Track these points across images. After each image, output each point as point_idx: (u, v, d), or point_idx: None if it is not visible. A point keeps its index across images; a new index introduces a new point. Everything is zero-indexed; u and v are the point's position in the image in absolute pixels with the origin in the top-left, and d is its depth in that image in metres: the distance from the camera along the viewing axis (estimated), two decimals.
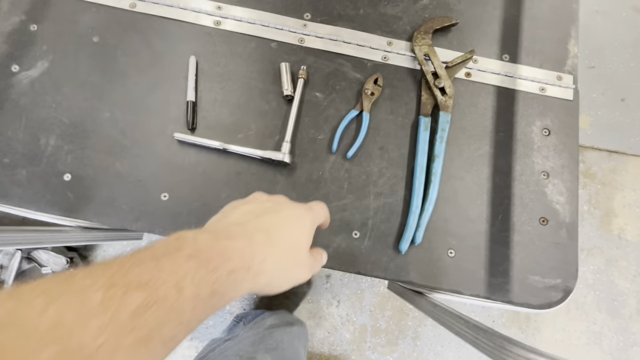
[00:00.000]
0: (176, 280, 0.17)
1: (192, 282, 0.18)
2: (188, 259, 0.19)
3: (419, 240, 0.46)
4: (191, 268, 0.18)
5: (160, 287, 0.17)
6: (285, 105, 0.51)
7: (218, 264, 0.19)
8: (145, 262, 0.17)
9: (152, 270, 0.17)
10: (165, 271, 0.17)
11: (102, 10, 0.52)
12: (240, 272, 0.21)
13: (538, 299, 0.46)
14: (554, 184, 0.50)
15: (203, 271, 0.19)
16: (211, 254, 0.20)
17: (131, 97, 0.49)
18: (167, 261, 0.18)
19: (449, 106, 0.50)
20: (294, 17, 0.53)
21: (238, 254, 0.21)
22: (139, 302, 0.16)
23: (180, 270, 0.18)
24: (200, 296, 0.18)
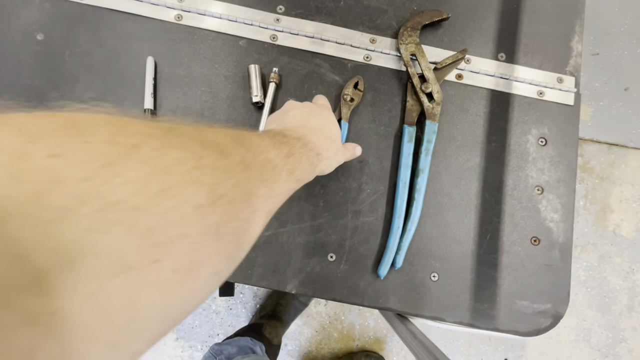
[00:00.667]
0: (297, 147, 0.26)
1: (303, 151, 0.27)
2: (297, 140, 0.27)
3: (399, 264, 0.43)
4: (300, 144, 0.27)
5: (292, 147, 0.25)
6: (255, 112, 0.46)
7: (312, 147, 0.28)
8: (278, 135, 0.25)
9: (283, 139, 0.25)
10: (290, 140, 0.26)
11: (46, 2, 0.45)
12: (319, 157, 0.30)
13: (526, 326, 0.43)
14: (548, 199, 0.46)
15: (306, 148, 0.27)
16: (305, 141, 0.28)
17: (81, 104, 0.44)
18: (287, 137, 0.26)
19: (436, 114, 0.45)
20: (266, 10, 0.47)
21: (314, 144, 0.29)
22: (286, 150, 0.24)
23: (296, 143, 0.26)
24: (308, 162, 0.27)
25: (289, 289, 0.42)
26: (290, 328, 1.00)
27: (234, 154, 0.18)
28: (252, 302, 1.02)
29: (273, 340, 0.88)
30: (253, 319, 1.00)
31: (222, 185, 0.16)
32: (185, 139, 0.16)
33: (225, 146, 0.18)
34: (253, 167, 0.19)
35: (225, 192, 0.16)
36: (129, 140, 0.13)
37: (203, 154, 0.16)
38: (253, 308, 1.01)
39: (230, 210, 0.16)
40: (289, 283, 0.42)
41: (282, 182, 0.22)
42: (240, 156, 0.18)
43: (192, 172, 0.14)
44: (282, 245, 0.43)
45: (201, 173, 0.15)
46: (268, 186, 0.20)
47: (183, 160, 0.14)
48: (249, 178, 0.18)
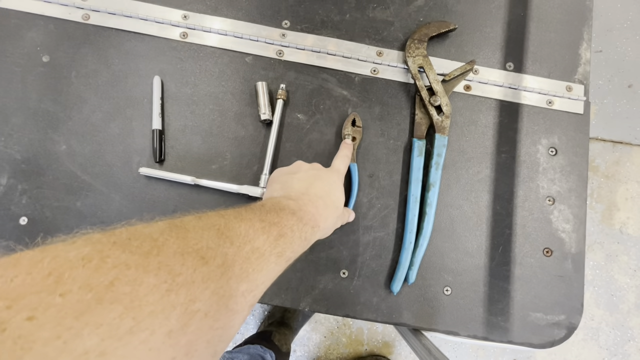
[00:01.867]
0: (290, 225, 0.26)
1: (296, 228, 0.27)
2: (291, 215, 0.27)
3: (412, 280, 0.42)
4: (294, 220, 0.27)
5: (284, 227, 0.25)
6: (263, 129, 0.45)
7: (307, 221, 0.29)
8: (270, 212, 0.26)
9: (276, 217, 0.26)
10: (283, 218, 0.26)
11: (51, 24, 0.45)
12: (314, 230, 0.29)
13: (540, 338, 0.43)
14: (559, 210, 0.46)
15: (300, 224, 0.27)
16: (301, 214, 0.28)
17: (89, 126, 0.44)
18: (281, 214, 0.27)
19: (445, 127, 0.45)
20: (271, 25, 0.47)
21: (312, 216, 0.30)
22: (276, 232, 0.24)
23: (289, 220, 0.26)
24: (300, 238, 0.27)
25: (302, 307, 0.42)
26: (298, 334, 1.00)
27: (216, 257, 0.18)
28: (260, 310, 1.02)
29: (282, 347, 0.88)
30: (261, 326, 1.00)
31: (197, 300, 0.16)
32: (163, 256, 0.16)
33: (207, 249, 0.18)
34: (236, 264, 0.19)
35: (201, 307, 0.16)
36: (105, 279, 0.14)
37: (180, 270, 0.16)
38: (261, 315, 1.01)
39: (205, 324, 0.16)
40: (302, 301, 0.42)
41: (269, 269, 0.22)
42: (222, 257, 0.19)
43: (165, 296, 0.15)
44: (294, 262, 0.43)
45: (175, 295, 0.15)
46: (251, 279, 0.20)
47: (158, 285, 0.15)
48: (229, 280, 0.18)
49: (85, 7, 0.45)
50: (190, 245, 0.18)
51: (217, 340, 0.17)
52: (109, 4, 0.46)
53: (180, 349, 0.15)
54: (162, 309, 0.14)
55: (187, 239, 0.18)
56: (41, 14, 0.45)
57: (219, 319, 0.17)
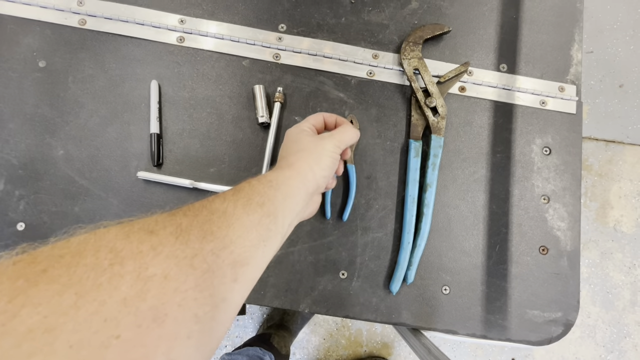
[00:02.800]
0: (251, 180, 0.27)
1: (260, 178, 0.27)
2: (258, 176, 0.28)
3: (411, 279, 0.43)
4: (259, 177, 0.27)
5: (243, 183, 0.26)
6: (261, 132, 0.46)
7: (277, 168, 0.30)
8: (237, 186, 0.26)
9: (240, 184, 0.26)
10: (245, 180, 0.26)
11: (47, 29, 0.45)
12: (283, 169, 0.30)
13: (537, 335, 0.44)
14: (554, 208, 0.46)
15: (266, 175, 0.28)
16: (274, 168, 0.30)
17: (87, 131, 0.44)
18: (245, 181, 0.27)
19: (441, 128, 0.45)
20: (268, 29, 0.47)
21: (282, 161, 0.31)
22: (233, 190, 0.25)
23: (252, 179, 0.27)
24: (265, 183, 0.26)
25: (302, 308, 0.42)
26: (298, 336, 1.00)
27: (166, 227, 0.19)
28: (259, 312, 1.02)
29: (282, 350, 0.88)
30: (260, 329, 1.00)
31: (149, 266, 0.16)
32: (103, 240, 0.16)
33: (156, 224, 0.18)
34: (193, 228, 0.19)
35: (156, 271, 0.16)
36: (37, 268, 0.14)
37: (123, 246, 0.16)
38: (260, 318, 1.01)
39: (168, 286, 0.16)
40: (302, 302, 0.42)
41: (241, 223, 0.22)
42: (174, 226, 0.19)
43: (109, 269, 0.15)
44: (294, 264, 0.43)
45: (120, 266, 0.16)
46: (218, 237, 0.20)
47: (97, 263, 0.15)
48: (187, 242, 0.19)
49: (82, 12, 0.45)
50: (135, 227, 0.18)
51: (191, 302, 0.17)
52: (105, 8, 0.46)
53: (143, 314, 0.15)
54: (108, 280, 0.14)
55: (132, 225, 0.18)
56: (37, 19, 0.45)
57: (185, 280, 0.17)
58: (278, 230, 0.25)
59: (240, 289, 0.20)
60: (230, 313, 0.20)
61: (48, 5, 0.45)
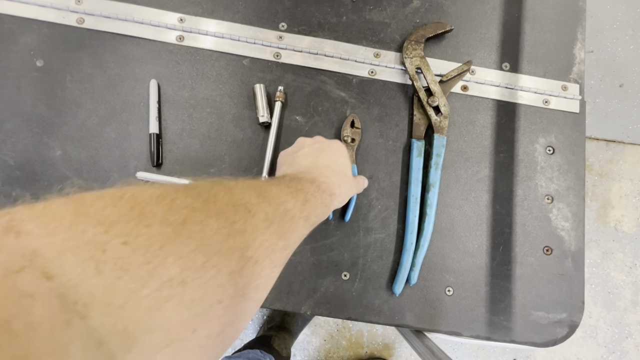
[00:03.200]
0: (312, 192, 0.27)
1: (318, 195, 0.28)
2: (310, 183, 0.28)
3: (414, 281, 0.42)
4: (314, 188, 0.28)
5: (307, 193, 0.26)
6: (262, 132, 0.45)
7: (325, 188, 0.30)
8: (293, 180, 0.27)
9: (299, 184, 0.27)
10: (305, 186, 0.27)
11: (45, 28, 0.45)
12: (332, 197, 0.31)
13: (542, 336, 0.43)
14: (558, 208, 0.46)
15: (319, 191, 0.29)
16: (318, 183, 0.29)
17: (85, 131, 0.43)
18: (302, 182, 0.28)
19: (444, 127, 0.45)
20: (268, 28, 0.47)
21: (326, 185, 0.30)
22: (302, 197, 0.25)
23: (310, 187, 0.28)
24: (322, 205, 0.28)
25: (304, 310, 0.42)
26: (298, 338, 0.99)
27: (259, 212, 0.20)
28: (259, 314, 1.01)
29: (282, 352, 0.87)
30: (260, 331, 0.99)
31: (250, 248, 0.18)
32: (219, 204, 0.18)
33: (252, 205, 0.20)
34: (275, 222, 0.21)
35: (252, 254, 0.18)
36: (178, 217, 0.16)
37: (235, 218, 0.18)
38: (260, 320, 1.01)
39: (255, 271, 0.18)
40: (304, 304, 0.42)
41: (298, 231, 0.24)
42: (264, 213, 0.20)
43: (227, 240, 0.17)
44: (296, 265, 0.43)
45: (234, 240, 0.17)
46: (286, 238, 0.22)
47: (220, 229, 0.17)
48: (272, 235, 0.20)
49: (80, 10, 0.45)
50: (237, 199, 0.19)
51: (261, 288, 0.19)
52: (103, 7, 0.45)
53: (238, 290, 0.17)
54: (225, 251, 0.16)
55: (233, 194, 0.20)
56: (35, 18, 0.45)
57: (263, 269, 0.19)
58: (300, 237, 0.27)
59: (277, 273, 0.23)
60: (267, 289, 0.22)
61: (46, 4, 0.45)
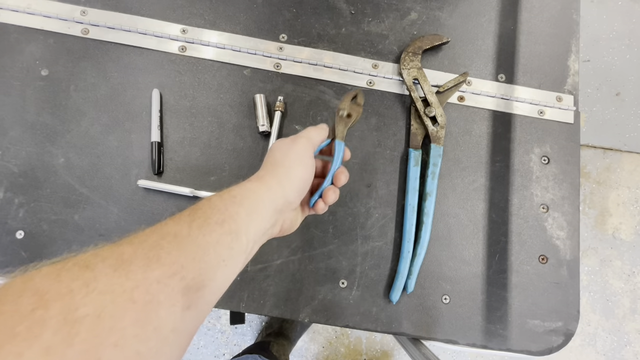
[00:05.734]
0: (211, 197, 0.25)
1: (219, 194, 0.25)
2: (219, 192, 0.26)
3: (411, 289, 0.43)
4: (221, 192, 0.26)
5: (200, 202, 0.24)
6: (262, 141, 0.46)
7: (251, 179, 0.29)
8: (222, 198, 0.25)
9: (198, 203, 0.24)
10: (205, 198, 0.25)
11: (50, 38, 0.46)
12: (252, 182, 0.28)
13: (538, 345, 0.43)
14: (553, 217, 0.47)
15: (230, 189, 0.26)
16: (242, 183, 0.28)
17: (88, 139, 0.44)
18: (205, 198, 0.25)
19: (440, 137, 0.45)
20: (269, 39, 0.48)
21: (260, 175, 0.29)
22: (189, 210, 0.23)
23: (212, 195, 0.26)
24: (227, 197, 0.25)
25: (301, 318, 0.42)
26: (297, 345, 0.99)
27: (107, 258, 0.18)
28: (258, 320, 1.01)
29: (281, 358, 0.87)
30: (259, 337, 0.99)
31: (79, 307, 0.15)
32: None
33: (93, 257, 0.18)
34: (136, 259, 0.18)
35: (88, 311, 0.16)
36: None
37: (48, 288, 0.15)
38: (259, 326, 1.00)
39: (102, 326, 0.16)
40: (302, 312, 0.42)
41: (197, 243, 0.21)
42: (115, 258, 0.18)
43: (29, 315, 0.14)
44: (294, 273, 0.43)
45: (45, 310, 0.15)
46: (164, 263, 0.19)
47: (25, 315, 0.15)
48: (128, 273, 0.18)
49: (85, 21, 0.46)
50: (69, 263, 0.17)
51: (131, 339, 0.16)
52: (108, 18, 0.46)
53: None
54: (27, 329, 0.14)
55: (66, 261, 0.17)
56: (41, 28, 0.46)
57: (122, 317, 0.16)
58: (241, 248, 0.23)
59: (195, 316, 0.19)
60: (183, 342, 0.19)
61: (51, 15, 0.46)
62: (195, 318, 0.19)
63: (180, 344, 0.18)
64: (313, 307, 0.43)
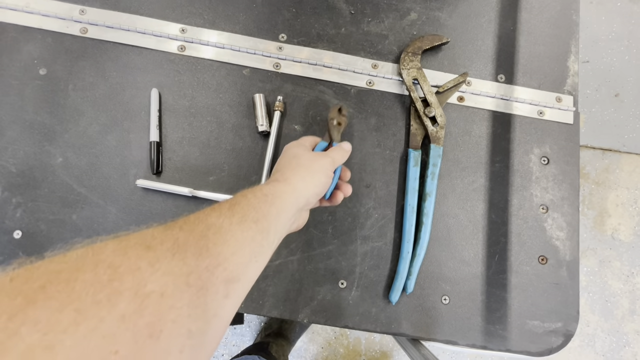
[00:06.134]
0: (243, 194, 0.27)
1: (251, 192, 0.27)
2: (248, 189, 0.28)
3: (410, 289, 0.43)
4: (250, 188, 0.28)
5: (235, 197, 0.26)
6: (261, 140, 0.46)
7: (270, 181, 0.30)
8: (256, 196, 0.27)
9: (231, 198, 0.26)
10: (238, 194, 0.27)
11: (48, 37, 0.45)
12: (278, 182, 0.30)
13: (538, 346, 0.43)
14: (553, 218, 0.46)
15: (259, 187, 0.28)
16: (267, 182, 0.30)
17: (86, 138, 0.44)
18: (238, 193, 0.27)
19: (440, 138, 0.45)
20: (268, 39, 0.48)
21: (276, 174, 0.32)
22: (227, 205, 0.24)
23: (244, 191, 0.27)
24: (260, 196, 0.27)
25: (300, 318, 0.42)
26: (296, 345, 0.99)
27: (163, 242, 0.19)
28: (257, 321, 1.01)
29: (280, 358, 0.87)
30: (258, 337, 0.99)
31: (148, 282, 0.17)
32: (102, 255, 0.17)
33: (152, 239, 0.19)
34: (189, 244, 0.20)
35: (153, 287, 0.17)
36: (35, 283, 0.15)
37: (121, 262, 0.17)
38: (258, 327, 1.00)
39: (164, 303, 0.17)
40: (301, 312, 0.42)
41: (236, 239, 0.22)
42: (171, 242, 0.19)
43: (107, 285, 0.16)
44: (293, 273, 0.43)
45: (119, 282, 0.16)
46: (213, 254, 0.20)
47: (96, 279, 0.16)
48: (184, 258, 0.19)
49: (83, 20, 0.46)
50: (132, 241, 0.18)
51: (185, 318, 0.17)
52: (107, 17, 0.46)
53: (140, 330, 0.15)
54: (107, 297, 0.15)
55: (128, 239, 0.18)
56: (39, 27, 0.45)
57: (180, 297, 0.17)
58: (270, 245, 0.25)
59: (231, 305, 0.21)
60: (222, 328, 0.20)
61: (50, 14, 0.46)
62: (232, 306, 0.21)
63: (219, 329, 0.20)
64: (312, 307, 0.42)
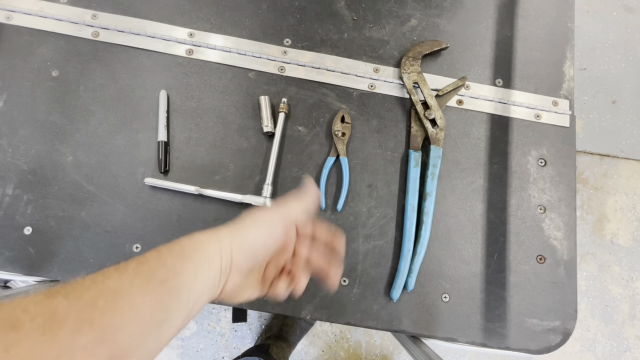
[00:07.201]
0: (157, 249, 0.23)
1: (166, 248, 0.24)
2: (168, 244, 0.24)
3: (411, 287, 0.43)
4: (169, 245, 0.24)
5: (145, 255, 0.22)
6: (265, 141, 0.47)
7: (191, 235, 0.25)
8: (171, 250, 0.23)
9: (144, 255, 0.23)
10: (150, 251, 0.23)
11: (61, 40, 0.47)
12: (199, 234, 0.26)
13: (536, 343, 0.44)
14: (550, 218, 0.48)
15: (178, 242, 0.25)
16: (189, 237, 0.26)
17: (96, 138, 0.45)
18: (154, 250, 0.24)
19: (440, 139, 0.47)
20: (273, 43, 0.49)
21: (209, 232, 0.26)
22: (134, 263, 0.21)
23: (160, 247, 0.24)
24: (174, 252, 0.23)
25: (303, 315, 0.43)
26: (296, 348, 0.99)
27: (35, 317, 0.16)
28: (257, 323, 1.01)
29: None
30: (259, 340, 0.99)
31: None
32: None
33: (24, 313, 0.16)
34: (70, 316, 0.17)
35: None
36: None
37: None
38: (258, 329, 1.00)
39: None
40: (304, 309, 0.43)
41: (136, 304, 0.19)
42: (46, 316, 0.17)
43: None
44: None
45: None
46: (98, 327, 0.18)
47: None
48: (56, 337, 0.16)
49: (95, 25, 0.47)
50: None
51: None
52: (118, 22, 0.48)
53: None
54: None
55: None
56: (52, 31, 0.47)
57: None
58: (181, 307, 0.22)
59: None
60: None
61: (63, 18, 0.47)
62: None
63: None
64: (315, 304, 0.43)
